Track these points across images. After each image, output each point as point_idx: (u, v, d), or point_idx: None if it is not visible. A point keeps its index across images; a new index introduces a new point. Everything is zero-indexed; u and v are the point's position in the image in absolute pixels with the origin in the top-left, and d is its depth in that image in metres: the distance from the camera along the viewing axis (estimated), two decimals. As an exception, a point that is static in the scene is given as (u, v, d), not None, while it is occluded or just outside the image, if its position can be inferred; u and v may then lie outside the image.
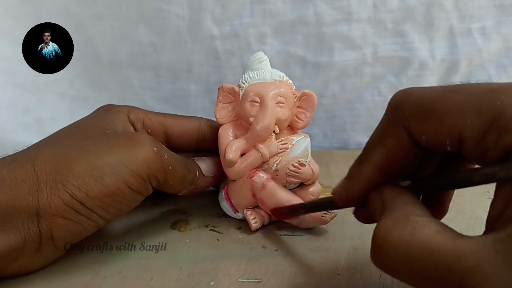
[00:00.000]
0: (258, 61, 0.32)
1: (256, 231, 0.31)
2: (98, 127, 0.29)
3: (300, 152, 0.31)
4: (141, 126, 0.32)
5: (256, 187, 0.30)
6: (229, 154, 0.30)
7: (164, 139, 0.34)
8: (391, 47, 0.50)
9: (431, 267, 0.16)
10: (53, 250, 0.26)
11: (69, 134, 0.28)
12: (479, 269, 0.15)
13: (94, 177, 0.25)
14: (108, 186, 0.25)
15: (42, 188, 0.24)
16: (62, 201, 0.24)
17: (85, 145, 0.26)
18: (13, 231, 0.24)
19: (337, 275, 0.25)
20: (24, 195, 0.24)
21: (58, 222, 0.25)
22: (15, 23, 0.50)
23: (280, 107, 0.31)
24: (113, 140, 0.27)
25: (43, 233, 0.25)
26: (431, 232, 0.17)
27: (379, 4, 0.48)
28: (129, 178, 0.26)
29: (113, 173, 0.25)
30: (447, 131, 0.17)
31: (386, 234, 0.17)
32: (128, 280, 0.26)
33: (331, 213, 0.30)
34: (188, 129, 0.34)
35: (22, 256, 0.25)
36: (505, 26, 0.48)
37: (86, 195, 0.25)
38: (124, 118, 0.31)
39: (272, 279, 0.25)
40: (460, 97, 0.17)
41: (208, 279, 0.25)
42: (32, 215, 0.24)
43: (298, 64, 0.51)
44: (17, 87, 0.52)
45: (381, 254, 0.18)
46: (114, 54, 0.53)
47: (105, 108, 0.32)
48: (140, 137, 0.27)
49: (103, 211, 0.26)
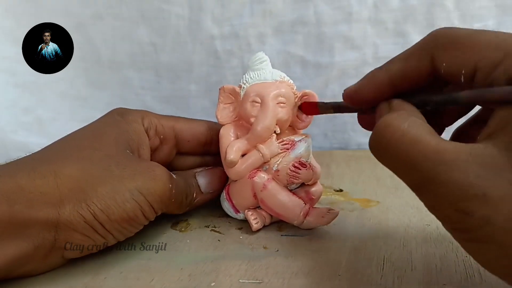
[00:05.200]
0: (259, 61, 0.32)
1: (257, 231, 0.31)
2: (119, 142, 0.29)
3: (301, 152, 0.31)
4: (153, 133, 0.33)
5: (257, 188, 0.30)
6: (230, 154, 0.30)
7: (174, 144, 0.34)
8: (391, 47, 0.50)
9: (414, 155, 0.18)
10: (60, 259, 0.27)
11: (90, 144, 0.29)
12: (451, 163, 0.17)
13: (117, 202, 0.26)
14: (128, 211, 0.26)
15: (65, 204, 0.25)
16: (83, 219, 0.25)
17: (109, 165, 0.27)
18: (27, 240, 0.24)
19: (338, 275, 0.25)
20: (43, 207, 0.25)
21: (75, 237, 0.26)
22: (15, 23, 0.50)
23: (281, 108, 0.31)
24: (134, 167, 0.28)
25: (57, 243, 0.26)
26: (424, 131, 0.19)
27: (380, 4, 0.48)
28: (145, 207, 0.27)
29: (133, 200, 0.27)
30: (465, 61, 0.20)
31: (387, 124, 0.20)
32: (128, 281, 0.26)
33: (332, 213, 0.30)
34: (198, 134, 0.35)
35: (30, 262, 0.25)
36: (506, 26, 0.48)
37: (108, 218, 0.26)
38: (139, 130, 0.32)
39: (273, 279, 0.25)
40: (485, 36, 0.19)
41: (209, 280, 0.25)
42: (49, 226, 0.25)
43: (298, 64, 0.51)
44: (17, 87, 0.52)
45: (378, 140, 0.20)
46: (114, 54, 0.53)
47: (119, 113, 0.32)
48: (158, 172, 0.28)
49: (118, 233, 0.27)
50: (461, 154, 0.17)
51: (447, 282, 0.24)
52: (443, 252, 0.27)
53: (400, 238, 0.29)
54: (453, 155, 0.17)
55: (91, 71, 0.53)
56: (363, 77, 0.24)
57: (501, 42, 0.19)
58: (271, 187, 0.30)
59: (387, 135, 0.20)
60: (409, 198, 0.35)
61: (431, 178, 0.18)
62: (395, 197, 0.36)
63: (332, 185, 0.39)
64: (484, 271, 0.25)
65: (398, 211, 0.33)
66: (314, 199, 0.32)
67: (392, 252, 0.28)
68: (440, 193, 0.18)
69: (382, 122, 0.20)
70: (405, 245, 0.28)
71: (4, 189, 0.24)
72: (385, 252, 0.28)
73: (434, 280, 0.24)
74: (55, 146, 0.29)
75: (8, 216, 0.24)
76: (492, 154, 0.17)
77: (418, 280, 0.24)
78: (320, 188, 0.32)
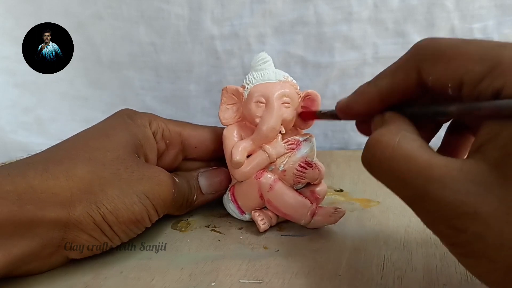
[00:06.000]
0: (262, 61, 0.32)
1: (258, 231, 0.31)
2: (128, 145, 0.30)
3: (307, 152, 0.31)
4: (160, 137, 0.33)
5: (264, 188, 0.30)
6: (236, 155, 0.30)
7: (181, 150, 0.34)
8: (392, 47, 0.50)
9: (405, 171, 0.18)
10: (63, 258, 0.27)
11: (100, 145, 0.29)
12: (442, 179, 0.17)
13: (126, 204, 0.27)
14: (136, 214, 0.27)
15: (76, 205, 0.25)
16: (93, 220, 0.26)
17: (118, 169, 0.28)
18: (35, 239, 0.25)
19: (338, 276, 0.25)
20: (54, 208, 0.25)
21: (82, 237, 0.26)
22: (15, 23, 0.50)
23: (285, 107, 0.31)
24: (142, 172, 0.29)
25: (63, 243, 0.26)
26: (415, 146, 0.19)
27: (380, 4, 0.48)
28: (151, 210, 0.28)
29: (140, 203, 0.27)
30: (451, 74, 0.19)
31: (378, 139, 0.20)
32: (129, 280, 0.26)
33: (339, 212, 0.30)
34: (205, 140, 0.35)
35: (35, 261, 0.26)
36: (507, 26, 0.48)
37: (116, 220, 0.26)
38: (148, 134, 0.32)
39: (273, 279, 0.25)
40: (470, 47, 0.19)
41: (209, 280, 0.25)
42: (59, 227, 0.25)
43: (298, 64, 0.51)
44: (17, 87, 0.52)
45: (370, 155, 0.20)
46: (114, 54, 0.52)
47: (128, 115, 0.32)
48: (163, 178, 0.29)
49: (124, 234, 0.28)
50: (452, 171, 0.17)
51: (447, 283, 0.24)
52: (443, 252, 0.27)
53: (400, 239, 0.29)
54: (444, 171, 0.17)
55: (91, 71, 0.53)
56: (354, 92, 0.24)
57: (486, 53, 0.18)
58: (278, 188, 0.30)
59: (378, 151, 0.20)
60: (409, 198, 0.35)
61: (423, 195, 0.18)
62: (395, 197, 0.35)
63: (332, 185, 0.39)
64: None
65: (398, 211, 0.33)
66: (319, 198, 0.32)
67: (392, 252, 0.28)
68: (432, 210, 0.18)
69: (373, 139, 0.20)
70: (405, 246, 0.28)
71: (16, 189, 0.24)
72: (385, 252, 0.28)
73: (434, 280, 0.24)
74: (66, 145, 0.29)
75: (19, 216, 0.24)
76: (482, 170, 0.17)
77: (418, 280, 0.24)
78: (325, 187, 0.32)
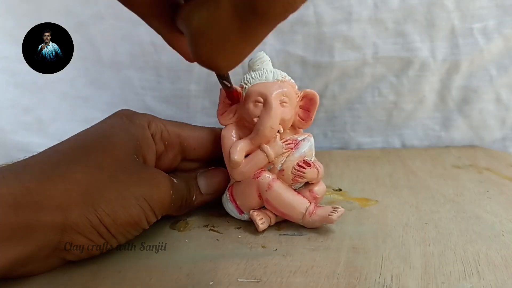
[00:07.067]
0: (260, 61, 0.32)
1: (256, 230, 0.31)
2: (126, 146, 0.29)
3: (305, 151, 0.31)
4: (159, 138, 0.33)
5: (262, 188, 0.30)
6: (234, 155, 0.30)
7: (179, 151, 0.34)
8: (392, 47, 0.50)
9: None
10: (61, 260, 0.27)
11: (98, 147, 0.29)
12: None
13: (123, 207, 0.27)
14: (133, 216, 0.27)
15: (73, 208, 0.25)
16: (90, 223, 0.26)
17: (115, 171, 0.28)
18: (32, 242, 0.25)
19: (337, 274, 0.25)
20: (51, 211, 0.25)
21: (80, 240, 0.26)
22: (15, 23, 0.50)
23: (283, 107, 0.31)
24: (140, 174, 0.29)
25: (60, 245, 0.26)
26: None
27: (380, 4, 0.48)
28: (148, 212, 0.28)
29: (138, 206, 0.27)
30: None
31: None
32: (127, 280, 0.26)
33: (337, 211, 0.30)
34: (204, 142, 0.35)
35: (32, 263, 0.26)
36: (507, 26, 0.48)
37: (114, 222, 0.26)
38: (147, 135, 0.32)
39: (272, 278, 0.25)
40: None
41: (207, 279, 0.25)
42: (56, 230, 0.25)
43: (298, 64, 0.51)
44: (17, 87, 0.52)
45: None
46: (115, 54, 0.53)
47: (127, 116, 0.32)
48: (162, 180, 0.29)
49: (122, 236, 0.28)
50: None
51: (445, 281, 0.24)
52: (441, 250, 0.27)
53: (399, 237, 0.29)
54: None
55: (91, 71, 0.53)
56: None
57: None
58: (276, 187, 0.30)
59: None
60: (407, 197, 0.35)
61: None
62: (393, 196, 0.36)
63: (331, 184, 0.39)
64: (482, 269, 0.25)
65: (396, 210, 0.33)
66: (318, 198, 0.32)
67: (390, 251, 0.28)
68: None
69: None
70: (404, 244, 0.28)
71: (12, 192, 0.24)
72: (384, 250, 0.28)
73: (432, 278, 0.24)
74: (63, 147, 0.29)
75: (15, 219, 0.24)
76: None
77: (417, 278, 0.24)
78: (323, 187, 0.32)
